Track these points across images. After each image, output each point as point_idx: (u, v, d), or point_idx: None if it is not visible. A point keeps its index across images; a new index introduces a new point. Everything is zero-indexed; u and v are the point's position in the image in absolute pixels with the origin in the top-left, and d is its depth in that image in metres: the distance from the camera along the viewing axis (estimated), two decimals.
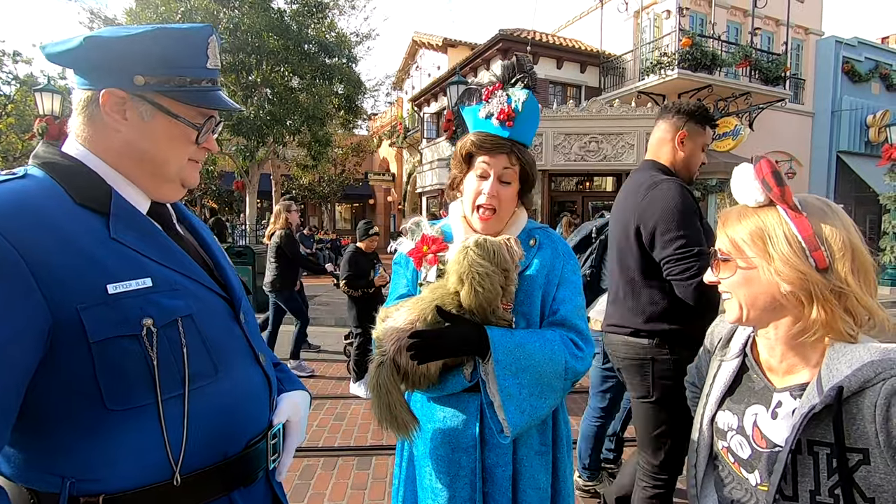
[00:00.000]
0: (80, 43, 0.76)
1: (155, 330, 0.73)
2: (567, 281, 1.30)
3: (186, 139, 0.87)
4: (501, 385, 1.13)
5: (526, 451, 1.26)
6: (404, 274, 1.40)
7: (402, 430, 1.15)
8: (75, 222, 0.73)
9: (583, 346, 1.24)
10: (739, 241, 0.84)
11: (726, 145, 12.86)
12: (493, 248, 1.17)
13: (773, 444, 0.83)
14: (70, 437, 0.69)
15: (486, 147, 1.27)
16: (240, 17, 9.37)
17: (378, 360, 1.18)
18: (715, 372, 0.97)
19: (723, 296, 0.90)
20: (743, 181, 0.84)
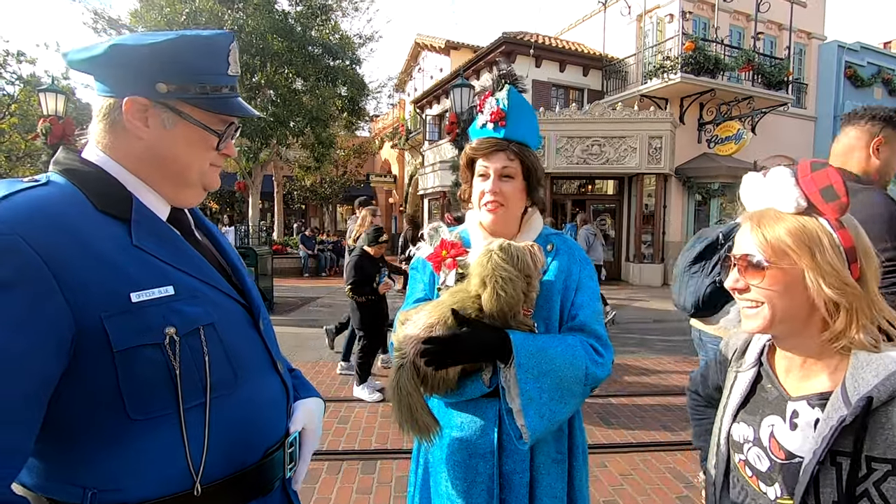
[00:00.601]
0: (104, 50, 0.76)
1: (178, 338, 0.73)
2: (585, 286, 1.31)
3: (207, 145, 0.87)
4: (522, 389, 1.12)
5: (543, 459, 1.26)
6: (422, 278, 1.41)
7: (423, 432, 1.14)
8: (98, 229, 0.73)
9: (603, 352, 1.24)
10: (784, 246, 0.79)
11: (728, 149, 12.85)
12: (516, 253, 1.17)
13: (792, 455, 0.82)
14: (92, 446, 0.69)
15: (482, 149, 1.32)
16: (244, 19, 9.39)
17: (398, 363, 1.18)
18: (731, 384, 0.96)
19: (741, 304, 0.87)
20: (781, 186, 0.81)
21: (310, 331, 7.18)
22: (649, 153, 12.07)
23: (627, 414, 4.11)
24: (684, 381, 5.03)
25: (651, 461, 3.28)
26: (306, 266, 14.09)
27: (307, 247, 14.32)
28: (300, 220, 22.97)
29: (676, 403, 4.38)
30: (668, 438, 3.62)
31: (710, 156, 13.23)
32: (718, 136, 13.08)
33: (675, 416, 4.06)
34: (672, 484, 2.98)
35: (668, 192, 12.96)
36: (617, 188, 13.66)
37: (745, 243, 0.85)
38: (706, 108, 13.39)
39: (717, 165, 12.84)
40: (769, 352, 0.94)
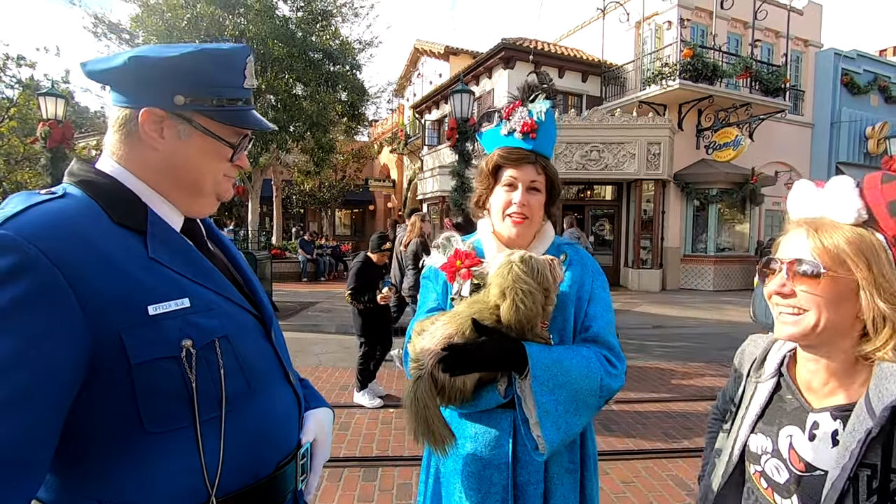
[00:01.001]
0: (124, 62, 0.77)
1: (194, 351, 0.73)
2: (597, 297, 1.31)
3: (222, 157, 0.88)
4: (538, 401, 1.12)
5: (557, 469, 1.26)
6: (434, 288, 1.40)
7: (439, 444, 1.14)
8: (115, 242, 0.73)
9: (616, 364, 1.24)
10: (843, 255, 0.78)
11: (727, 155, 12.91)
12: (537, 266, 1.17)
13: (813, 468, 0.81)
14: (107, 460, 0.69)
15: (512, 159, 1.31)
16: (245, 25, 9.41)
17: (416, 374, 1.17)
18: (751, 395, 0.96)
19: (779, 309, 0.85)
20: (842, 196, 0.80)
21: (310, 336, 7.17)
22: (648, 159, 12.12)
23: (628, 421, 4.10)
24: (684, 387, 5.03)
25: (653, 468, 3.28)
26: (305, 270, 14.08)
27: (306, 251, 14.31)
28: (299, 225, 22.95)
29: (677, 410, 4.38)
30: (669, 445, 3.62)
31: (708, 162, 13.29)
32: (716, 142, 13.15)
33: (676, 423, 4.06)
34: (674, 491, 2.98)
35: (666, 198, 13.00)
36: (615, 194, 13.70)
37: (796, 249, 0.83)
38: (704, 115, 13.47)
39: (716, 171, 12.90)
40: (790, 362, 0.93)
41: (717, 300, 11.31)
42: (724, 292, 12.82)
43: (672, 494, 2.95)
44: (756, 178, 12.83)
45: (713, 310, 9.98)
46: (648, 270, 12.77)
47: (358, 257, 4.55)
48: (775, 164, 14.91)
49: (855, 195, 0.79)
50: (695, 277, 13.32)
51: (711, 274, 13.11)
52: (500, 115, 1.37)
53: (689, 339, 7.49)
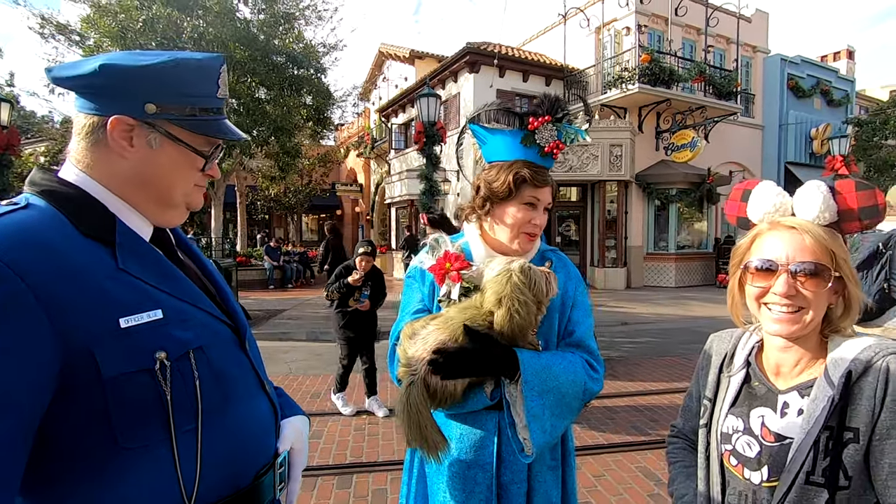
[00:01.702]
0: (94, 69, 0.75)
1: (168, 363, 0.72)
2: (579, 303, 1.35)
3: (193, 167, 0.87)
4: (528, 406, 1.15)
5: (539, 467, 1.29)
6: (420, 289, 1.38)
7: (432, 449, 1.14)
8: (83, 254, 0.71)
9: (597, 368, 1.28)
10: (834, 251, 0.86)
11: (684, 156, 13.44)
12: (535, 278, 1.18)
13: (782, 437, 0.88)
14: (79, 478, 0.67)
15: (538, 181, 1.29)
16: (204, 28, 9.12)
17: (408, 379, 1.17)
18: (726, 388, 1.01)
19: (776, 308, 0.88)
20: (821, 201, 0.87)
21: (278, 344, 7.03)
22: (610, 161, 12.46)
23: (598, 416, 4.20)
24: (652, 382, 5.19)
25: (623, 461, 3.37)
26: (272, 278, 13.78)
27: (272, 258, 14.02)
28: (264, 231, 22.44)
29: (644, 403, 4.52)
30: (638, 438, 3.73)
31: (667, 163, 13.78)
32: (675, 143, 13.66)
33: (645, 417, 4.19)
34: (643, 483, 3.08)
35: (629, 199, 13.40)
36: (580, 195, 14.02)
37: (794, 250, 0.87)
38: (663, 117, 13.97)
39: (675, 172, 13.38)
40: (757, 353, 1.00)
41: (680, 296, 11.72)
42: (686, 288, 13.31)
43: (641, 485, 3.04)
44: (712, 178, 13.38)
45: (676, 305, 10.33)
46: (613, 269, 13.11)
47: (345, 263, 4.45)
48: (729, 165, 15.58)
49: (831, 199, 0.87)
50: (657, 275, 13.76)
51: (673, 271, 13.58)
52: (521, 121, 1.31)
53: (655, 334, 7.73)
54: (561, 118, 1.31)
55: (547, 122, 1.28)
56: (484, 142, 1.38)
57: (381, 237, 19.92)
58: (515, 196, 1.30)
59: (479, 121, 1.36)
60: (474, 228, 1.40)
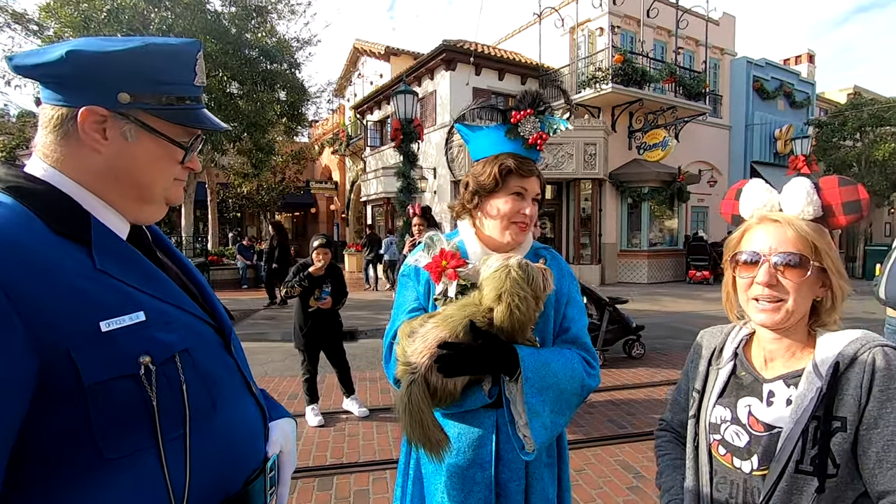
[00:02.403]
0: (60, 57, 0.70)
1: (153, 368, 0.68)
2: (574, 300, 1.36)
3: (172, 159, 0.82)
4: (528, 402, 1.15)
5: (537, 465, 1.29)
6: (415, 287, 1.37)
7: (434, 448, 1.12)
8: (57, 254, 0.67)
9: (594, 364, 1.29)
10: (817, 244, 0.89)
11: (656, 155, 13.73)
12: (533, 274, 1.18)
13: (771, 427, 0.89)
14: (62, 493, 0.62)
15: (526, 169, 1.31)
16: (173, 19, 8.82)
17: (409, 378, 1.15)
18: (714, 380, 1.03)
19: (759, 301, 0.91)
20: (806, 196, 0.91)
21: (254, 345, 6.88)
22: (585, 159, 12.63)
23: (577, 412, 4.25)
24: (628, 376, 5.29)
25: (602, 455, 3.42)
26: (245, 277, 13.48)
27: (245, 257, 13.71)
28: (236, 230, 21.95)
29: (621, 398, 4.60)
30: (616, 432, 3.80)
31: (640, 162, 14.06)
32: (647, 143, 13.95)
33: (622, 411, 4.26)
34: (622, 475, 3.13)
35: (603, 197, 13.62)
36: (555, 193, 14.17)
37: (777, 242, 0.90)
38: (635, 117, 14.24)
39: (647, 171, 13.67)
40: (745, 345, 1.03)
41: (653, 292, 11.99)
42: (658, 284, 13.63)
43: (621, 479, 3.09)
44: (682, 177, 13.73)
45: (649, 301, 10.56)
46: (588, 266, 13.32)
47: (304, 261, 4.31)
48: (698, 164, 16.00)
49: (815, 195, 0.90)
50: (631, 271, 14.05)
51: (646, 267, 13.89)
52: (504, 115, 1.34)
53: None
54: (543, 111, 1.34)
55: (529, 115, 1.31)
56: (469, 140, 1.40)
57: (356, 235, 19.73)
58: (502, 187, 1.31)
59: (463, 120, 1.39)
60: (468, 226, 1.40)
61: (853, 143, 17.69)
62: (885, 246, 15.69)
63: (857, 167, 16.98)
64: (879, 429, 0.78)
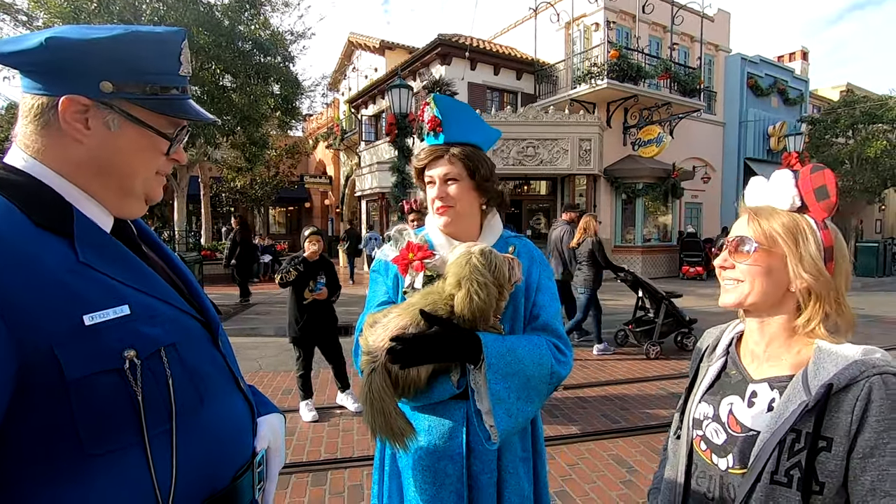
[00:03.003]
0: (39, 44, 0.68)
1: (139, 362, 0.66)
2: (544, 287, 1.36)
3: (156, 150, 0.80)
4: (492, 389, 1.14)
5: (511, 458, 1.28)
6: (384, 281, 1.38)
7: (398, 438, 1.12)
8: (38, 247, 0.65)
9: (565, 351, 1.28)
10: (774, 233, 0.90)
11: (651, 152, 13.76)
12: (495, 261, 1.18)
13: (748, 429, 0.89)
14: (45, 492, 0.61)
15: (423, 159, 1.37)
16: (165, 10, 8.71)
17: (370, 367, 1.14)
18: (703, 376, 1.04)
19: (723, 282, 0.96)
20: (781, 186, 0.91)
21: (247, 340, 6.85)
22: (580, 155, 12.63)
23: (570, 406, 4.27)
24: (620, 371, 5.31)
25: (595, 450, 3.44)
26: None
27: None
28: (229, 224, 21.82)
29: (614, 393, 4.62)
30: (609, 427, 3.81)
31: (634, 157, 14.08)
32: (641, 139, 13.97)
33: (615, 406, 4.28)
34: (616, 470, 3.14)
35: (597, 192, 13.63)
36: (550, 188, 14.18)
37: (740, 230, 0.94)
38: (630, 113, 14.25)
39: (642, 167, 13.69)
40: (737, 342, 1.03)
41: None
42: (651, 280, 13.64)
43: (614, 473, 3.10)
44: (677, 173, 13.76)
45: None
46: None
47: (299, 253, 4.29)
48: (693, 160, 16.04)
49: (791, 185, 0.90)
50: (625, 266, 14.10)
51: (640, 263, 13.93)
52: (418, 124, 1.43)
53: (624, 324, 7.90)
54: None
55: (426, 108, 1.37)
56: None
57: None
58: (421, 181, 1.40)
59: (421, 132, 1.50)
60: (433, 220, 1.41)
61: (845, 141, 17.82)
62: (875, 242, 15.85)
63: (849, 164, 17.12)
64: (875, 458, 0.77)
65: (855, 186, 16.48)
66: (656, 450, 3.41)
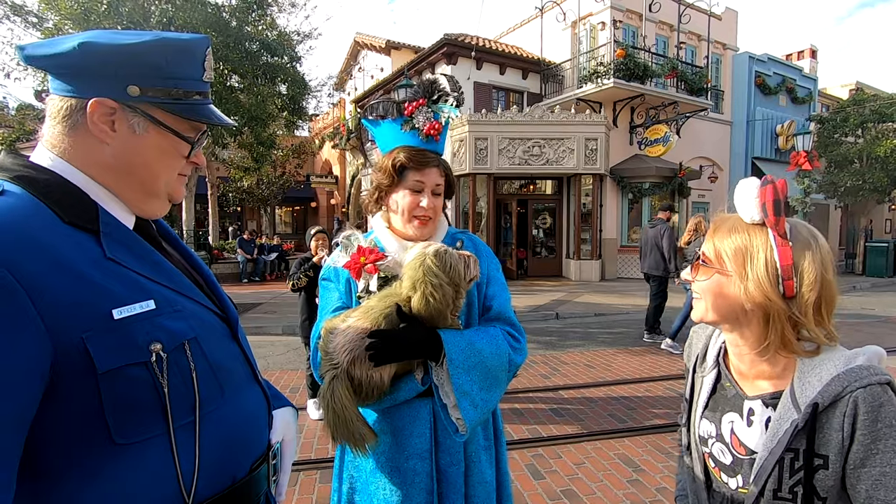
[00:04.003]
0: (73, 48, 0.70)
1: (164, 355, 0.69)
2: (493, 278, 1.39)
3: (178, 153, 0.83)
4: (456, 383, 1.16)
5: (474, 448, 1.31)
6: (336, 288, 1.37)
7: (359, 444, 1.13)
8: (68, 243, 0.68)
9: (519, 338, 1.32)
10: (722, 253, 0.89)
11: (657, 151, 13.70)
12: (450, 262, 1.18)
13: (752, 452, 0.89)
14: (74, 479, 0.64)
15: (419, 161, 1.32)
16: (174, 12, 8.77)
17: (331, 373, 1.15)
18: (699, 388, 1.04)
19: (693, 295, 0.97)
20: (744, 197, 0.88)
21: (254, 339, 6.90)
22: (586, 154, 12.61)
23: (577, 406, 4.28)
24: (626, 371, 5.31)
25: (602, 449, 3.44)
26: (244, 271, 13.50)
27: (245, 251, 13.73)
28: (236, 224, 21.94)
29: (621, 393, 4.62)
30: (615, 426, 3.82)
31: (641, 157, 14.03)
32: (648, 138, 13.91)
33: (622, 405, 4.28)
34: (623, 469, 3.15)
35: (603, 192, 13.60)
36: (556, 188, 14.16)
37: (705, 245, 0.95)
38: (636, 112, 14.19)
39: (648, 166, 13.64)
40: (724, 353, 1.01)
41: None
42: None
43: (621, 472, 3.11)
44: (683, 173, 13.70)
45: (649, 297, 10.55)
46: (588, 261, 13.32)
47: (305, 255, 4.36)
48: (699, 160, 15.96)
49: (753, 196, 0.87)
50: (631, 267, 14.04)
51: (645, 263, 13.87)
52: (399, 108, 1.35)
53: (629, 324, 7.91)
54: (437, 100, 1.35)
55: (422, 106, 1.33)
56: (374, 135, 1.43)
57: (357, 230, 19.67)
58: (400, 182, 1.33)
59: (367, 114, 1.41)
60: (381, 220, 1.41)
61: (855, 140, 17.64)
62: (885, 242, 15.70)
63: (858, 163, 16.95)
64: (867, 468, 0.77)
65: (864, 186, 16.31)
66: (663, 449, 3.41)
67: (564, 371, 5.30)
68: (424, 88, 1.34)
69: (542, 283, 12.57)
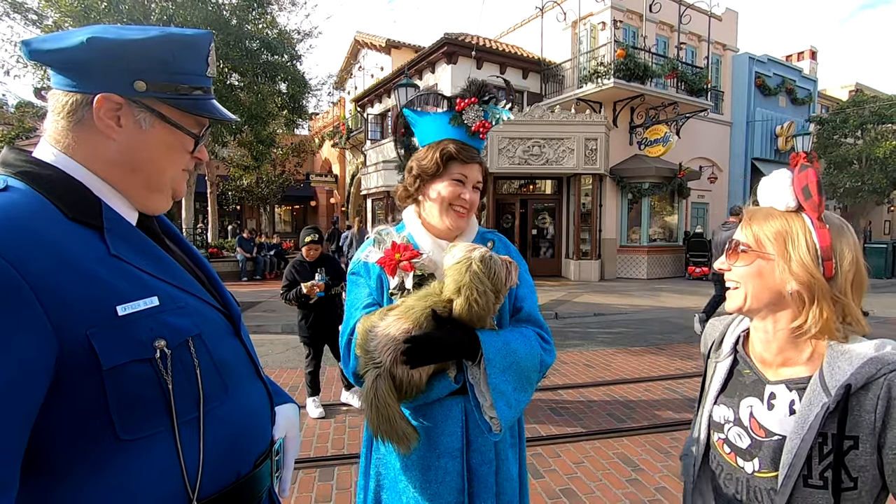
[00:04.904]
0: (79, 43, 0.70)
1: (169, 352, 0.69)
2: (524, 280, 1.39)
3: (183, 149, 0.83)
4: (492, 383, 1.17)
5: (503, 446, 1.32)
6: (367, 283, 1.37)
7: (402, 441, 1.14)
8: (72, 239, 0.67)
9: (549, 340, 1.33)
10: (763, 238, 0.91)
11: (657, 151, 13.71)
12: (495, 268, 1.19)
13: (772, 433, 0.90)
14: (77, 473, 0.64)
15: (467, 156, 1.34)
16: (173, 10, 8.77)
17: (374, 373, 1.16)
18: (711, 374, 1.05)
19: (728, 284, 0.97)
20: (777, 186, 0.91)
21: (254, 337, 6.80)
22: (586, 154, 12.61)
23: (576, 405, 4.28)
24: (626, 371, 5.32)
25: (601, 448, 3.45)
26: (244, 270, 13.49)
27: (245, 249, 13.71)
28: (235, 222, 21.92)
29: (621, 392, 4.62)
30: (614, 426, 3.82)
31: (640, 157, 14.04)
32: (648, 138, 13.93)
33: (620, 405, 4.29)
34: (621, 468, 3.15)
35: (603, 192, 13.61)
36: (556, 188, 14.16)
37: (741, 232, 0.96)
38: (636, 112, 14.20)
39: (648, 166, 13.65)
40: (744, 340, 1.03)
41: (652, 287, 12.02)
42: (657, 280, 13.66)
43: (620, 472, 3.12)
44: (683, 173, 13.71)
45: (648, 297, 10.58)
46: (588, 261, 13.33)
47: (297, 258, 4.34)
48: (699, 160, 15.98)
49: (787, 185, 0.90)
50: (630, 267, 14.07)
51: (645, 263, 13.90)
52: (450, 103, 1.38)
53: (629, 325, 7.91)
54: (487, 101, 1.37)
55: (473, 104, 1.34)
56: (416, 125, 1.44)
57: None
58: (444, 172, 1.33)
59: (412, 106, 1.44)
60: (413, 216, 1.41)
61: (854, 141, 17.68)
62: (883, 244, 15.72)
63: (857, 164, 16.98)
64: None
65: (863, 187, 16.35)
66: (662, 449, 3.41)
67: (564, 371, 5.31)
68: (477, 88, 1.36)
69: (541, 283, 12.58)
